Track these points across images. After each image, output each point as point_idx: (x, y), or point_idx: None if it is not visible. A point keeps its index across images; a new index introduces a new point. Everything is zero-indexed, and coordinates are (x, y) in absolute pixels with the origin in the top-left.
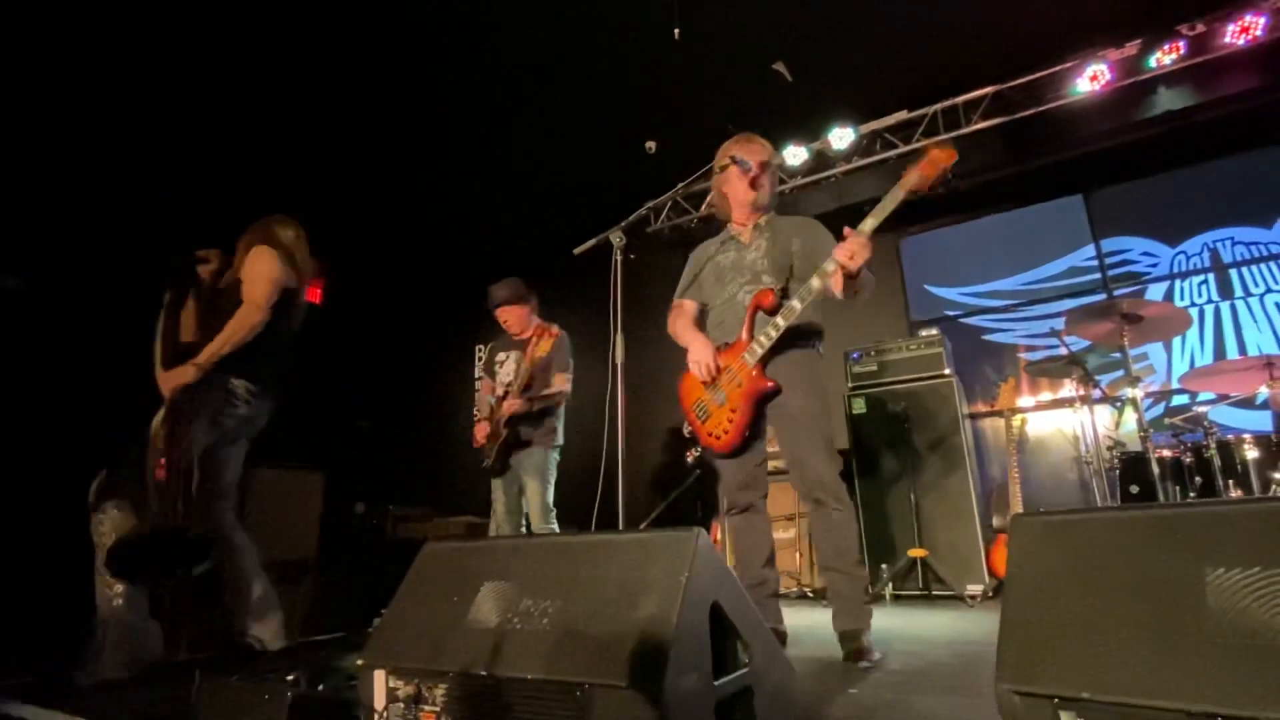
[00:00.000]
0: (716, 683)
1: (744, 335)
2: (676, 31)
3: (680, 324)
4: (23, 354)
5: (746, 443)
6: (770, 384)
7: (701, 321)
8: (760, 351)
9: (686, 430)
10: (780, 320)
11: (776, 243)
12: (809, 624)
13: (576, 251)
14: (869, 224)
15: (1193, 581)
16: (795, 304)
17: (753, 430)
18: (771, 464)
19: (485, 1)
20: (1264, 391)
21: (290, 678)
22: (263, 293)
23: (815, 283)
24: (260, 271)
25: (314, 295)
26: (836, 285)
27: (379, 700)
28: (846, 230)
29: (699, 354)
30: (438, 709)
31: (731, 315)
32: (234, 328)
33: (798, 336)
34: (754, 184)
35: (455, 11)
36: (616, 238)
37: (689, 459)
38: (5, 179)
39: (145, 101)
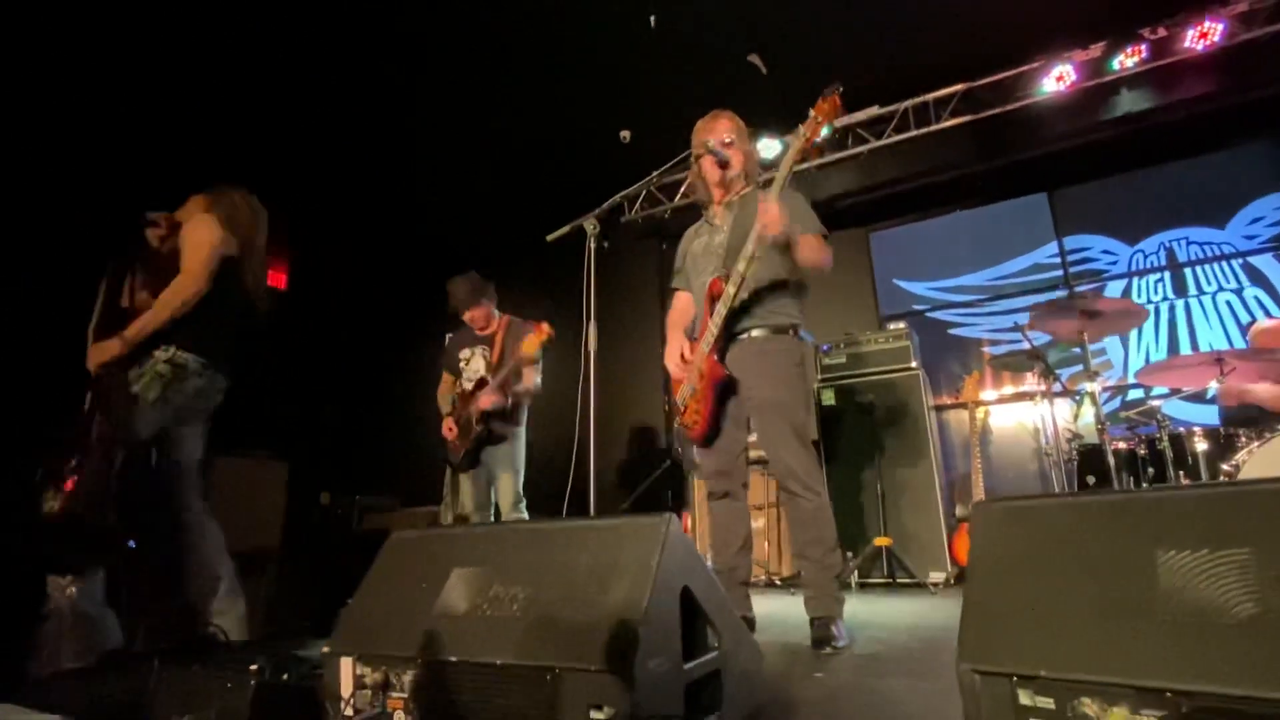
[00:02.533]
0: (686, 666)
1: (709, 325)
2: (652, 20)
3: (670, 319)
4: None
5: (717, 431)
6: (723, 372)
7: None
8: (711, 340)
9: (676, 422)
10: (720, 307)
11: (741, 220)
12: (777, 611)
13: (550, 238)
14: (775, 188)
15: (1144, 563)
16: (729, 289)
17: (721, 418)
18: (752, 453)
19: None
20: (1214, 386)
21: (253, 667)
22: (200, 260)
23: (740, 265)
24: (199, 238)
25: (279, 280)
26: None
27: (346, 688)
28: (760, 202)
29: (666, 355)
30: (406, 695)
31: (701, 307)
32: (167, 298)
33: (766, 324)
34: (724, 164)
35: None
36: (590, 225)
37: (677, 450)
38: None
39: (98, 79)
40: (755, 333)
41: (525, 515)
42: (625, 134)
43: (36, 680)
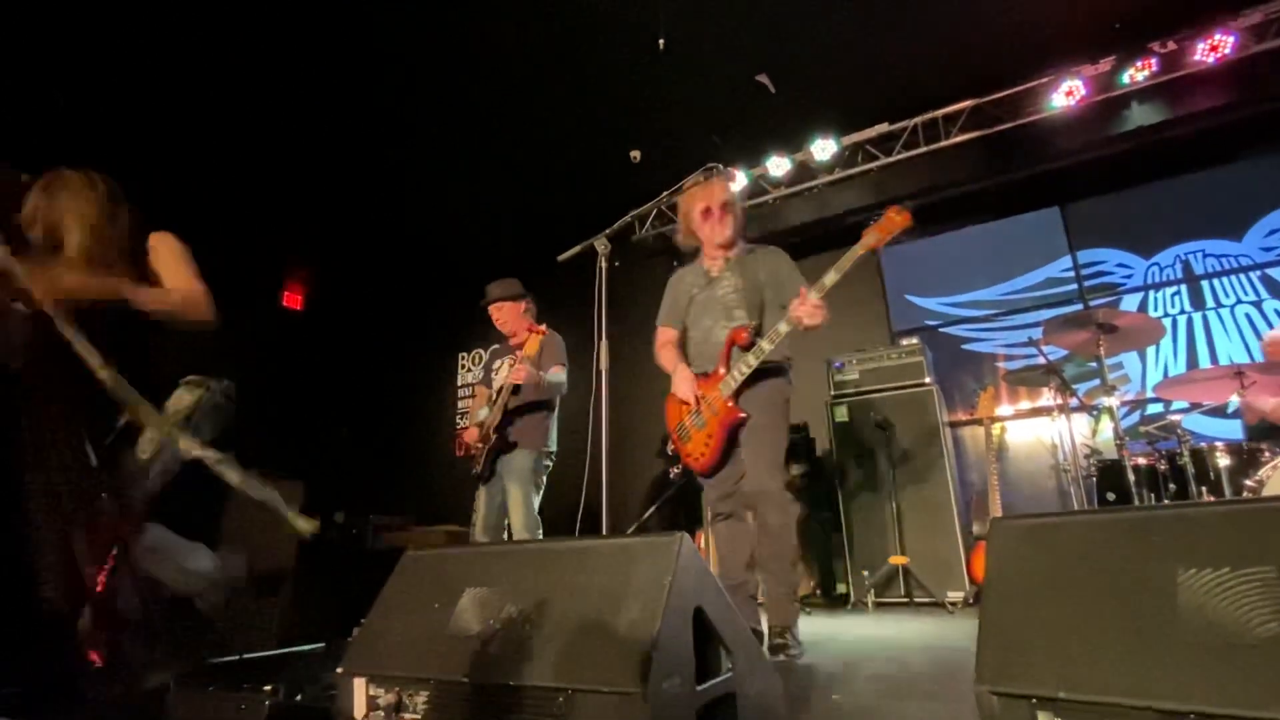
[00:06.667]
0: (699, 688)
1: (720, 368)
2: (661, 42)
3: (666, 353)
4: None
5: (722, 463)
6: (742, 415)
7: (683, 346)
8: (734, 385)
9: (670, 449)
10: (751, 359)
11: (745, 278)
12: None
13: (561, 258)
14: (830, 278)
15: (1165, 582)
16: (765, 345)
17: (727, 453)
18: None
19: (472, 9)
20: (1235, 400)
21: (267, 688)
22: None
23: (783, 327)
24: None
25: (295, 301)
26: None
27: (359, 709)
28: (802, 291)
29: (681, 386)
30: (419, 716)
31: (708, 349)
32: (188, 295)
33: (770, 370)
34: (720, 226)
35: (441, 19)
36: (601, 245)
37: (673, 474)
38: None
39: (134, 102)
40: (766, 377)
41: (540, 537)
42: (635, 154)
43: (53, 700)
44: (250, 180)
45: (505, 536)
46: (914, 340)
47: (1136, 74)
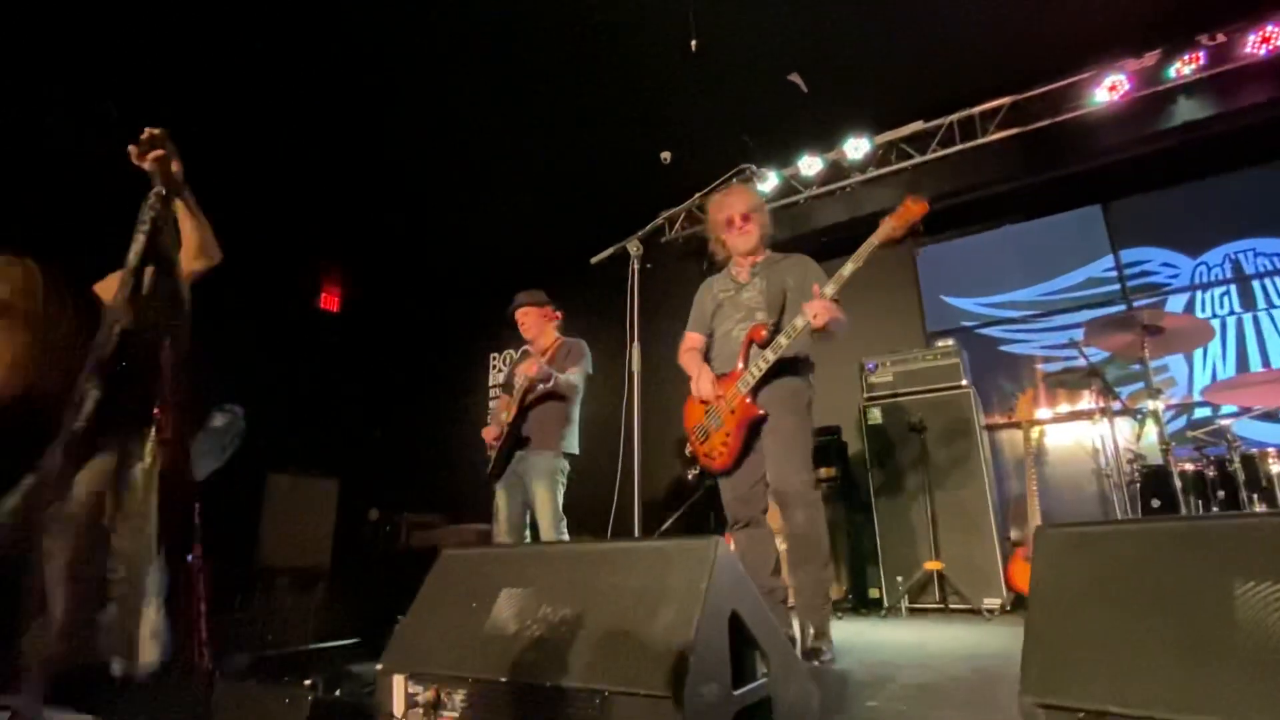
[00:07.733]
0: (736, 692)
1: (739, 366)
2: (694, 43)
3: (688, 357)
4: None
5: (739, 463)
6: (760, 411)
7: (707, 351)
8: (752, 381)
9: (688, 450)
10: (769, 354)
11: (771, 282)
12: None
13: (594, 261)
14: (848, 269)
15: (1221, 595)
16: (782, 340)
17: (745, 452)
18: None
19: (504, 13)
20: None
21: (307, 682)
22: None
23: (799, 322)
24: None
25: (331, 304)
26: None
27: (398, 706)
28: (815, 288)
29: (699, 384)
30: (456, 715)
31: (728, 349)
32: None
33: (788, 368)
34: (742, 235)
35: (473, 23)
36: (633, 247)
37: (690, 476)
38: None
39: (177, 109)
40: (785, 375)
41: (566, 537)
42: (666, 155)
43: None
44: (288, 185)
45: (528, 536)
46: (949, 341)
47: (1183, 68)
